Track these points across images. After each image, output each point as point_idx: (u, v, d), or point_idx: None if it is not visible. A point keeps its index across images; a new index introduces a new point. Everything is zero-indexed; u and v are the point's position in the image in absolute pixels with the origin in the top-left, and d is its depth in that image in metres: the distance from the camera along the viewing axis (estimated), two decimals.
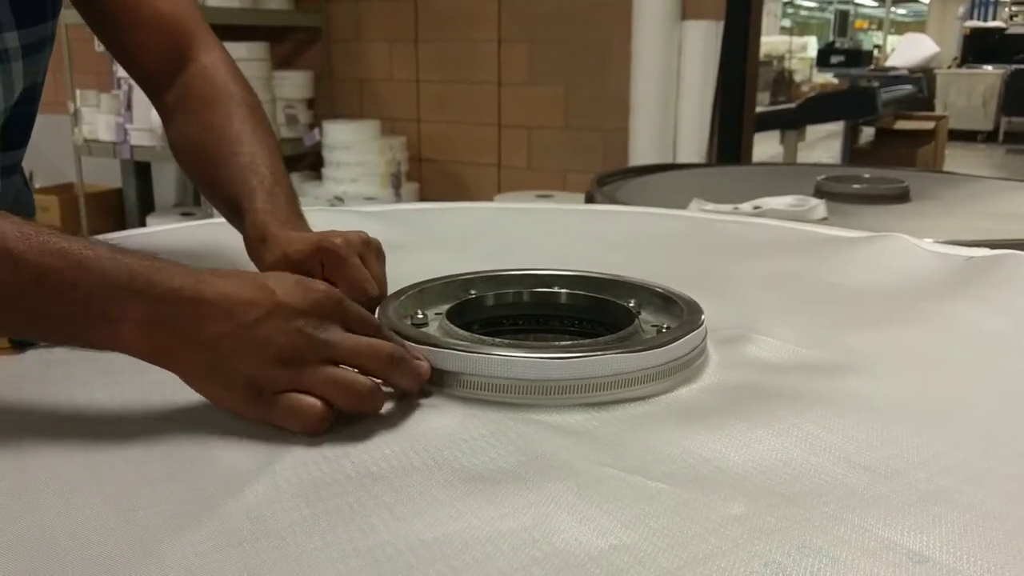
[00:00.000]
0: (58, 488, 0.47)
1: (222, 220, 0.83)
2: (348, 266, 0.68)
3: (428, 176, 3.89)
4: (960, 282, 0.80)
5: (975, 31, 11.16)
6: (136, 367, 0.58)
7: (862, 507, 0.44)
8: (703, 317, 0.64)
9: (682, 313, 0.65)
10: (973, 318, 0.72)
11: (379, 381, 0.54)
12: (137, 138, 3.47)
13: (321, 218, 0.95)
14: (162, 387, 0.59)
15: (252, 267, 0.73)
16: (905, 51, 10.65)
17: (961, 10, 14.60)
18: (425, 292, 0.70)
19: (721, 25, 3.20)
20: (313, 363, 0.52)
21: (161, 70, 0.87)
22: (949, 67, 10.59)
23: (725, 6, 3.17)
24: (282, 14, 3.93)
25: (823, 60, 10.07)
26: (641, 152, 3.35)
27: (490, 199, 3.56)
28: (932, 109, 7.70)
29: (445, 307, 0.67)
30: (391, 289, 0.70)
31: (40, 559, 0.41)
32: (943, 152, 5.96)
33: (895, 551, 0.40)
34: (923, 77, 7.50)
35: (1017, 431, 0.53)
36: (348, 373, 0.53)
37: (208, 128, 0.81)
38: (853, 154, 5.59)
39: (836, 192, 1.82)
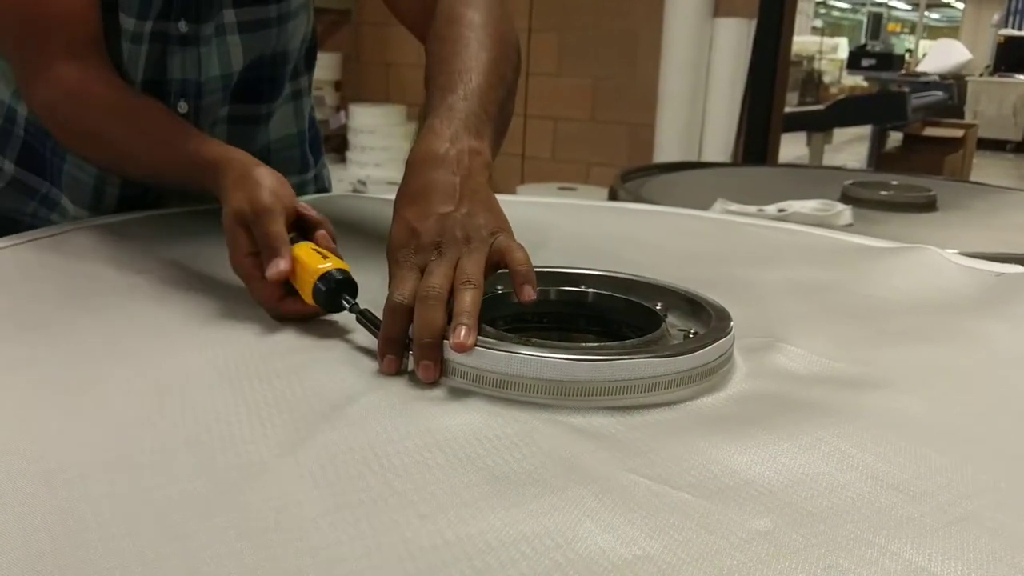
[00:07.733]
0: (79, 473, 0.47)
1: None
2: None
3: None
4: (992, 300, 0.79)
5: (1009, 39, 11.05)
6: (157, 350, 0.58)
7: (889, 528, 0.43)
8: (732, 324, 0.63)
9: (710, 319, 0.65)
10: (1005, 338, 0.71)
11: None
12: None
13: (345, 204, 0.95)
14: (186, 373, 0.59)
15: None
16: (937, 57, 10.57)
17: (996, 17, 14.47)
18: None
19: (753, 23, 3.18)
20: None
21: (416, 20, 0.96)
22: (981, 75, 10.49)
23: (758, 4, 3.15)
24: None
25: (854, 62, 9.99)
26: (667, 148, 3.34)
27: (513, 189, 3.56)
28: (962, 116, 7.64)
29: None
30: None
31: (65, 544, 0.41)
32: (971, 160, 5.91)
33: None
34: (954, 84, 7.44)
35: None
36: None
37: (428, 55, 0.86)
38: (880, 159, 5.55)
39: (863, 198, 1.81)
